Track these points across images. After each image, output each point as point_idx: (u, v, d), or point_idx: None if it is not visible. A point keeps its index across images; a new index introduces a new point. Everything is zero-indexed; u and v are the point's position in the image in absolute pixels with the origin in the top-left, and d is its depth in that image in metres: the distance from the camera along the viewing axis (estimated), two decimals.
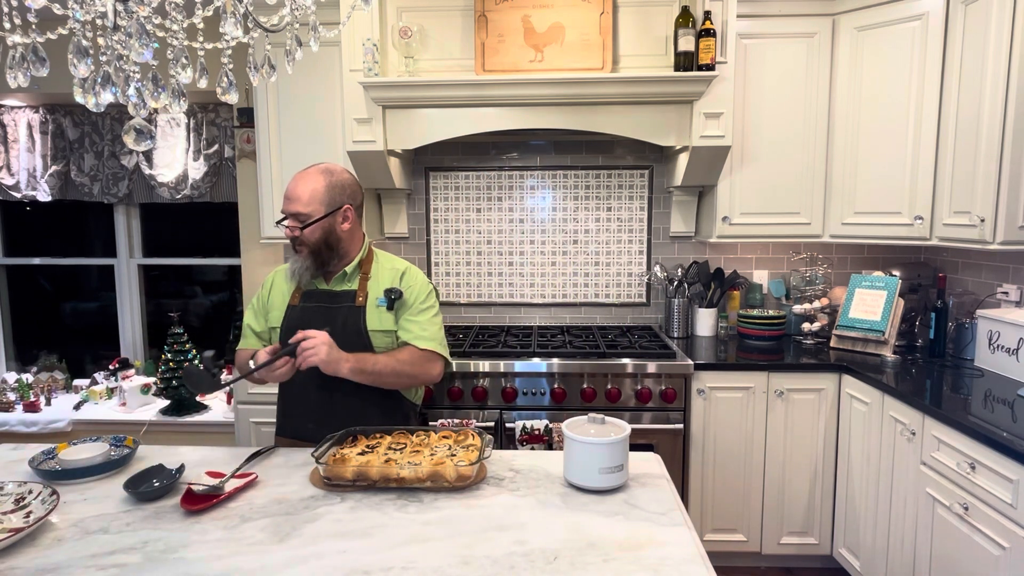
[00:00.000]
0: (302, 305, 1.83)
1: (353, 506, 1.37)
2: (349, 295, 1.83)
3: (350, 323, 1.80)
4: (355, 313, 1.81)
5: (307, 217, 1.75)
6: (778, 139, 2.85)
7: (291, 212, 1.76)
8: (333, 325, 1.76)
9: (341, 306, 1.82)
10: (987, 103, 2.29)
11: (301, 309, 1.83)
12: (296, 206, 1.75)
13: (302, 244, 1.77)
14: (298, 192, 1.75)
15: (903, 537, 2.21)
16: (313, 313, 1.81)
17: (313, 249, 1.77)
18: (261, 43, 2.50)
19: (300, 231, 1.76)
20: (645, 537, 1.24)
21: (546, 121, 2.68)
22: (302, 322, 1.77)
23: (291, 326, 1.77)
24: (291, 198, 1.75)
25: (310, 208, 1.75)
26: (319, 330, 1.68)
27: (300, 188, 1.75)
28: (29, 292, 3.92)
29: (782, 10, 2.78)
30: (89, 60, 1.07)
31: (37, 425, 3.29)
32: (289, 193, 1.76)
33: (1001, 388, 2.24)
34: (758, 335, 3.02)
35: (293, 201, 1.75)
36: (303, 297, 1.84)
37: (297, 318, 1.81)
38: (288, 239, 1.80)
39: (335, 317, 1.80)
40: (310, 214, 1.75)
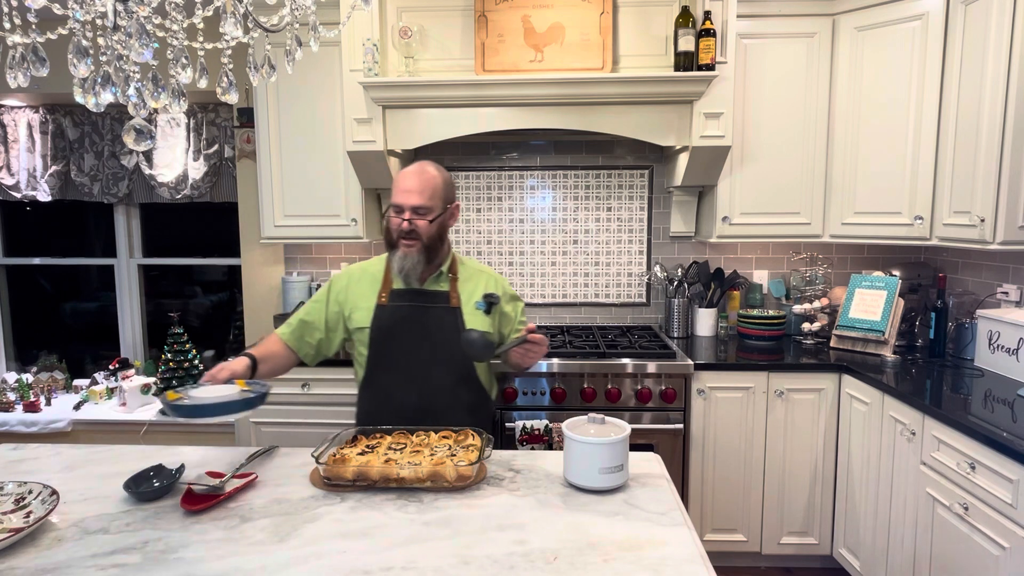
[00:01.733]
0: (393, 304, 1.80)
1: (353, 506, 1.37)
2: (443, 296, 1.81)
3: (447, 324, 1.79)
4: (451, 314, 1.80)
5: (428, 211, 1.73)
6: (778, 139, 2.85)
7: (411, 205, 1.72)
8: (429, 325, 1.77)
9: (436, 306, 1.80)
10: (987, 103, 2.29)
11: (393, 308, 1.80)
12: (419, 199, 1.72)
13: (416, 239, 1.73)
14: (419, 185, 1.72)
15: (903, 537, 2.21)
16: (407, 313, 1.78)
17: (427, 244, 1.75)
18: (261, 43, 2.50)
19: (418, 224, 1.72)
20: (645, 537, 1.24)
21: (546, 121, 2.68)
22: (396, 321, 1.76)
23: (384, 325, 1.77)
24: (410, 190, 1.72)
25: (432, 202, 1.73)
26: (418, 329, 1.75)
27: (421, 181, 1.73)
28: (29, 292, 3.92)
29: (782, 10, 2.78)
30: (89, 60, 1.07)
31: (37, 425, 3.28)
32: (407, 186, 1.72)
33: (1001, 388, 2.24)
34: (758, 335, 3.02)
35: (413, 193, 1.72)
36: (392, 296, 1.81)
37: (389, 317, 1.78)
38: (396, 232, 1.75)
39: (431, 317, 1.79)
40: (431, 208, 1.73)
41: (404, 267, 1.75)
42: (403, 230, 1.73)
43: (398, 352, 1.77)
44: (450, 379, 1.81)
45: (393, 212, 1.75)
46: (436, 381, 1.78)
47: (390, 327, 1.76)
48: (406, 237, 1.73)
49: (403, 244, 1.74)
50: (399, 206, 1.74)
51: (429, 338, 1.76)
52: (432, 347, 1.78)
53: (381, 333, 1.77)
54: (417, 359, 1.78)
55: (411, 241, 1.73)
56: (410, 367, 1.77)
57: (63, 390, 3.61)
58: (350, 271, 1.90)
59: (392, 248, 1.78)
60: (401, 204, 1.73)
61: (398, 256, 1.75)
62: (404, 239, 1.74)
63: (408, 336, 1.78)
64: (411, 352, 1.78)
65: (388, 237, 1.78)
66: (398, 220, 1.74)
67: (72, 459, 1.65)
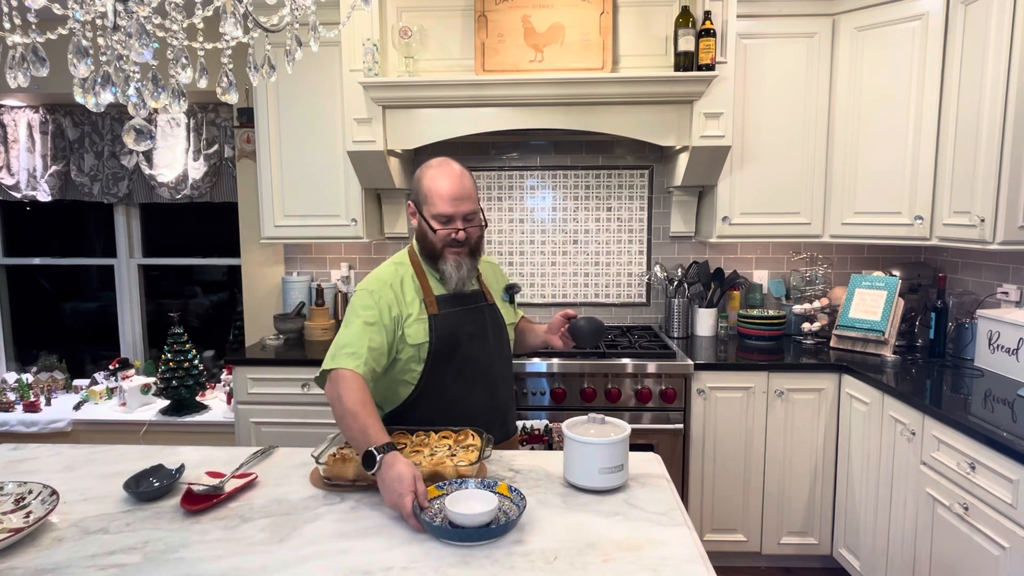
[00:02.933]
0: (446, 311, 1.69)
1: (353, 506, 1.37)
2: (479, 295, 1.78)
3: (493, 320, 1.78)
4: (493, 311, 1.79)
5: (474, 215, 1.67)
6: (778, 139, 2.85)
7: (462, 213, 1.64)
8: (483, 326, 1.75)
9: (480, 306, 1.77)
10: (987, 103, 2.29)
11: (448, 316, 1.69)
12: (468, 205, 1.64)
13: (465, 245, 1.66)
14: (464, 191, 1.63)
15: (903, 537, 2.21)
16: (463, 317, 1.72)
17: (474, 248, 1.69)
18: (261, 43, 2.50)
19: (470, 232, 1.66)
20: (645, 537, 1.24)
21: (546, 121, 2.68)
22: (455, 329, 1.69)
23: (444, 335, 1.67)
24: (462, 197, 1.63)
25: (476, 205, 1.67)
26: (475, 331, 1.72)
27: (462, 186, 1.64)
28: (29, 292, 3.92)
29: (782, 10, 2.78)
30: (89, 60, 1.07)
31: (37, 425, 3.28)
32: (458, 192, 1.62)
33: (1001, 388, 2.24)
34: (758, 335, 3.02)
35: (466, 199, 1.63)
36: (441, 304, 1.70)
37: (447, 326, 1.68)
38: (443, 242, 1.65)
39: (482, 318, 1.77)
40: (476, 211, 1.67)
41: (460, 275, 1.67)
42: (456, 240, 1.64)
43: (462, 357, 1.70)
44: (507, 375, 1.82)
45: (439, 223, 1.63)
46: (499, 379, 1.77)
47: (452, 334, 1.67)
48: (455, 245, 1.65)
49: (452, 253, 1.66)
50: (448, 216, 1.63)
51: (487, 338, 1.74)
52: (490, 347, 1.76)
53: (443, 343, 1.66)
54: (481, 361, 1.73)
55: (460, 248, 1.66)
56: (476, 370, 1.72)
57: (63, 390, 3.61)
58: (386, 283, 1.68)
59: (436, 258, 1.67)
60: (451, 214, 1.62)
61: (451, 266, 1.66)
62: (452, 247, 1.65)
63: (470, 339, 1.72)
64: (474, 355, 1.72)
65: (428, 247, 1.67)
66: (447, 231, 1.64)
67: (72, 459, 1.65)
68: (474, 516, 1.21)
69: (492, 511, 1.23)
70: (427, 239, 1.67)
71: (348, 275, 3.36)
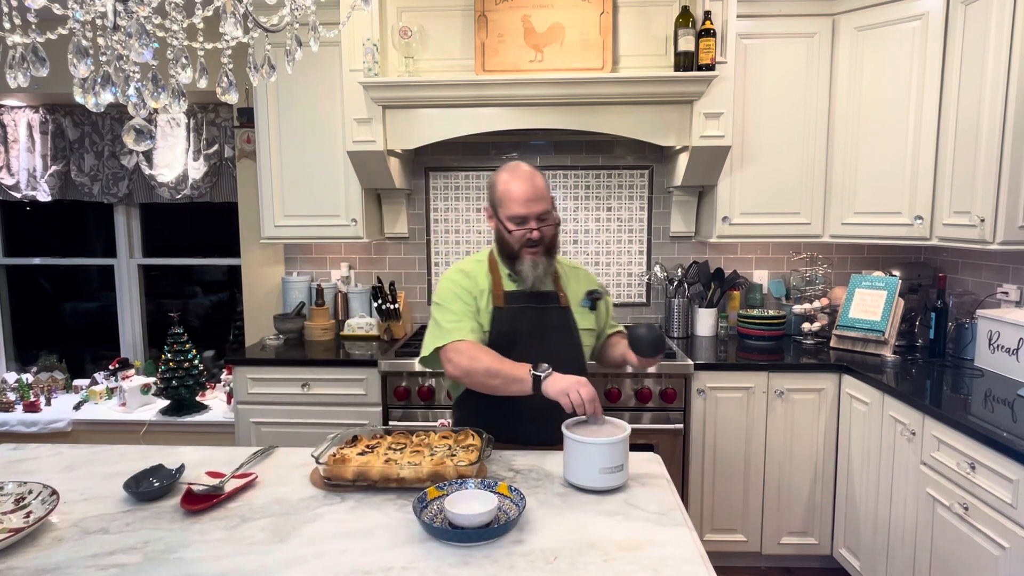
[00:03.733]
0: (511, 307, 1.77)
1: (353, 506, 1.37)
2: (552, 296, 1.80)
3: (560, 324, 1.79)
4: (563, 314, 1.80)
5: (547, 214, 1.72)
6: (778, 139, 2.85)
7: (536, 213, 1.69)
8: (548, 326, 1.76)
9: (549, 307, 1.79)
10: (987, 103, 2.29)
11: (512, 311, 1.76)
12: (541, 205, 1.70)
13: (541, 244, 1.72)
14: (537, 192, 1.69)
15: (903, 537, 2.21)
16: (526, 315, 1.76)
17: (549, 247, 1.74)
18: (261, 43, 2.50)
19: (545, 231, 1.71)
20: (645, 537, 1.24)
21: (546, 121, 2.68)
22: (517, 324, 1.74)
23: (505, 328, 1.74)
24: (534, 198, 1.69)
25: (549, 204, 1.73)
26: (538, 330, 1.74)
27: (535, 187, 1.70)
28: (29, 292, 3.92)
29: (782, 10, 2.78)
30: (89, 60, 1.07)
31: (37, 425, 3.29)
32: (530, 194, 1.69)
33: (1001, 388, 2.24)
34: (758, 335, 3.02)
35: (538, 200, 1.69)
36: (508, 299, 1.77)
37: (510, 320, 1.75)
38: (519, 243, 1.71)
39: (546, 318, 1.78)
40: (550, 210, 1.73)
41: (536, 274, 1.73)
42: (532, 239, 1.70)
43: (518, 354, 1.69)
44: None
45: (514, 224, 1.70)
46: None
47: (511, 330, 1.73)
48: (532, 245, 1.71)
49: (528, 253, 1.72)
50: (522, 216, 1.69)
51: (548, 339, 1.75)
52: (551, 348, 1.75)
53: (501, 336, 1.73)
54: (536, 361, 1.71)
55: (536, 248, 1.72)
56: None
57: (63, 390, 3.61)
58: (467, 274, 1.80)
59: (514, 258, 1.74)
60: (525, 215, 1.69)
61: (527, 265, 1.72)
62: (529, 247, 1.72)
63: (529, 338, 1.75)
64: (532, 354, 1.71)
65: (506, 248, 1.74)
66: (522, 231, 1.70)
67: (72, 459, 1.65)
68: (474, 516, 1.21)
69: (492, 511, 1.23)
70: (504, 240, 1.75)
71: (348, 275, 3.36)
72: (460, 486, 1.36)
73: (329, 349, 2.96)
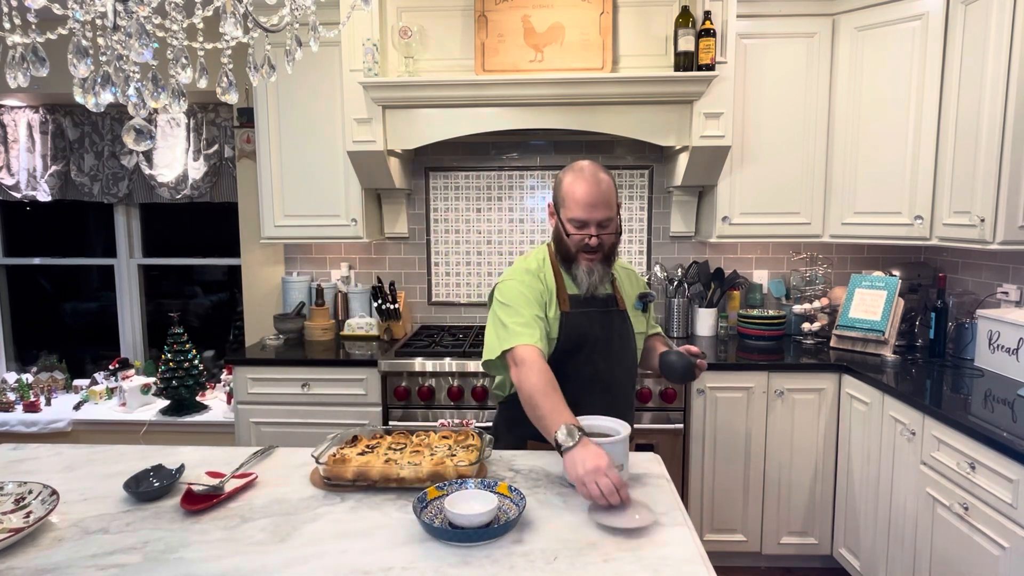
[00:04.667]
0: (578, 311, 1.72)
1: (353, 506, 1.37)
2: (611, 299, 1.77)
3: (622, 327, 1.77)
4: (621, 317, 1.78)
5: (610, 221, 1.66)
6: (778, 139, 2.85)
7: (597, 220, 1.63)
8: (611, 330, 1.74)
9: (611, 311, 1.76)
10: (987, 103, 2.29)
11: (579, 315, 1.72)
12: (603, 212, 1.63)
13: (599, 251, 1.67)
14: (602, 197, 1.63)
15: (903, 537, 2.21)
16: (592, 319, 1.73)
17: (607, 254, 1.69)
18: (261, 43, 2.50)
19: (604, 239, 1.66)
20: (645, 537, 1.24)
21: (546, 121, 2.68)
22: (585, 328, 1.71)
23: (574, 334, 1.70)
24: (598, 203, 1.62)
25: (613, 211, 1.66)
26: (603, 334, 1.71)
27: (600, 192, 1.63)
28: (29, 292, 3.92)
29: (782, 10, 2.78)
30: (89, 60, 1.07)
31: (37, 425, 3.29)
32: (594, 199, 1.62)
33: (1001, 388, 2.24)
34: (758, 335, 3.02)
35: (601, 206, 1.63)
36: (573, 303, 1.72)
37: (578, 325, 1.71)
38: (577, 247, 1.67)
39: (611, 323, 1.75)
40: (612, 217, 1.66)
41: (592, 281, 1.68)
42: (590, 246, 1.65)
43: (583, 360, 1.71)
44: (628, 382, 1.80)
45: (574, 227, 1.65)
46: (618, 386, 1.76)
47: (580, 335, 1.70)
48: (589, 251, 1.66)
49: (585, 258, 1.67)
50: (583, 221, 1.63)
51: (611, 343, 1.73)
52: (613, 352, 1.75)
53: (569, 342, 1.69)
54: (601, 365, 1.73)
55: (593, 255, 1.67)
56: (595, 374, 1.72)
57: (63, 390, 3.61)
58: (534, 273, 1.73)
59: (569, 261, 1.70)
60: (586, 219, 1.63)
61: (583, 271, 1.68)
62: (586, 253, 1.67)
63: (595, 343, 1.72)
64: (596, 358, 1.72)
65: (563, 249, 1.70)
66: (580, 236, 1.65)
67: (72, 459, 1.65)
68: (474, 516, 1.21)
69: (492, 511, 1.23)
70: (562, 241, 1.69)
71: (348, 275, 3.36)
72: (460, 486, 1.36)
73: (329, 349, 2.96)
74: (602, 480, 1.27)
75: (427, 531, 1.23)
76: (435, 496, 1.33)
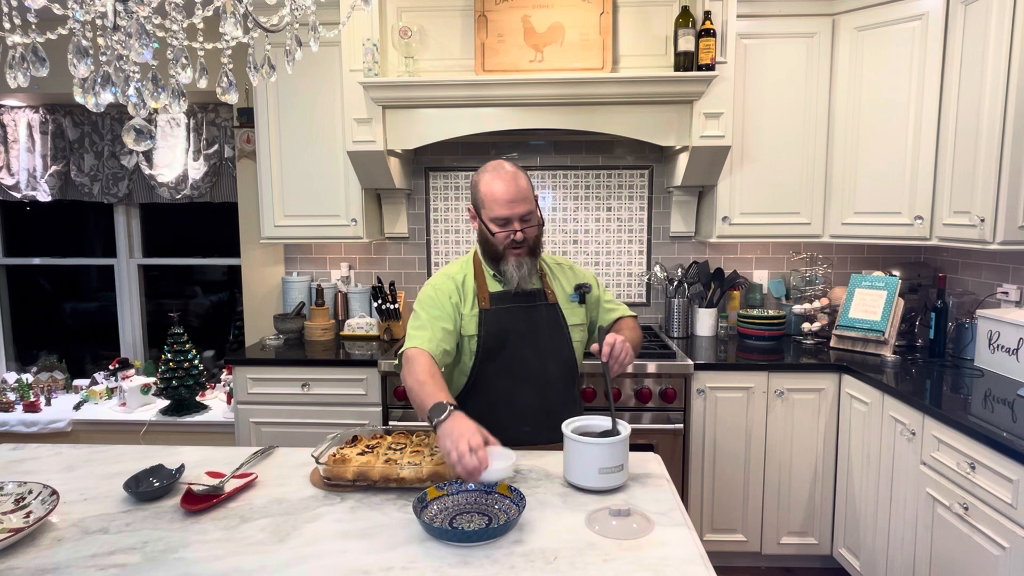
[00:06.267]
0: (498, 307, 1.76)
1: (353, 506, 1.37)
2: (538, 294, 1.80)
3: (550, 320, 1.79)
4: (552, 310, 1.80)
5: (531, 214, 1.71)
6: (778, 139, 2.85)
7: (519, 215, 1.68)
8: (536, 324, 1.76)
9: (537, 305, 1.78)
10: (987, 103, 2.29)
11: (499, 311, 1.76)
12: (523, 206, 1.68)
13: (524, 245, 1.71)
14: (520, 193, 1.68)
15: (903, 537, 2.21)
16: (515, 314, 1.76)
17: (533, 247, 1.73)
18: (261, 43, 2.50)
19: (528, 232, 1.70)
20: (645, 537, 1.24)
21: (546, 121, 2.68)
22: (505, 324, 1.75)
23: (493, 330, 1.74)
24: (517, 199, 1.67)
25: (532, 206, 1.71)
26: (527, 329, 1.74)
27: (518, 189, 1.68)
28: (29, 292, 3.92)
29: (782, 10, 2.78)
30: (89, 60, 1.07)
31: (37, 425, 3.29)
32: (512, 195, 1.67)
33: (1001, 388, 2.24)
34: (758, 335, 3.02)
35: (521, 201, 1.68)
36: (494, 300, 1.77)
37: (497, 321, 1.75)
38: (504, 244, 1.70)
39: (536, 316, 1.78)
40: (533, 211, 1.72)
41: (520, 275, 1.72)
42: (516, 241, 1.70)
43: (510, 354, 1.74)
44: (563, 376, 1.80)
45: (496, 226, 1.70)
46: (552, 380, 1.77)
47: (500, 331, 1.73)
48: (516, 246, 1.71)
49: (513, 253, 1.72)
50: (505, 218, 1.68)
51: (539, 337, 1.76)
52: (543, 346, 1.77)
53: (491, 338, 1.73)
54: (531, 360, 1.76)
55: (520, 249, 1.72)
56: (526, 368, 1.74)
57: (63, 390, 3.61)
58: (451, 277, 1.80)
59: (498, 259, 1.74)
60: (508, 216, 1.68)
61: (511, 266, 1.72)
62: (514, 248, 1.71)
63: (519, 337, 1.75)
64: (524, 353, 1.75)
65: (490, 250, 1.74)
66: (505, 232, 1.69)
67: (72, 459, 1.66)
68: (496, 472, 1.29)
69: (510, 466, 1.33)
70: (488, 242, 1.73)
71: (348, 275, 3.36)
72: (460, 486, 1.36)
73: (329, 349, 2.97)
74: (462, 444, 1.29)
75: (427, 531, 1.23)
76: (435, 496, 1.33)
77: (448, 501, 1.34)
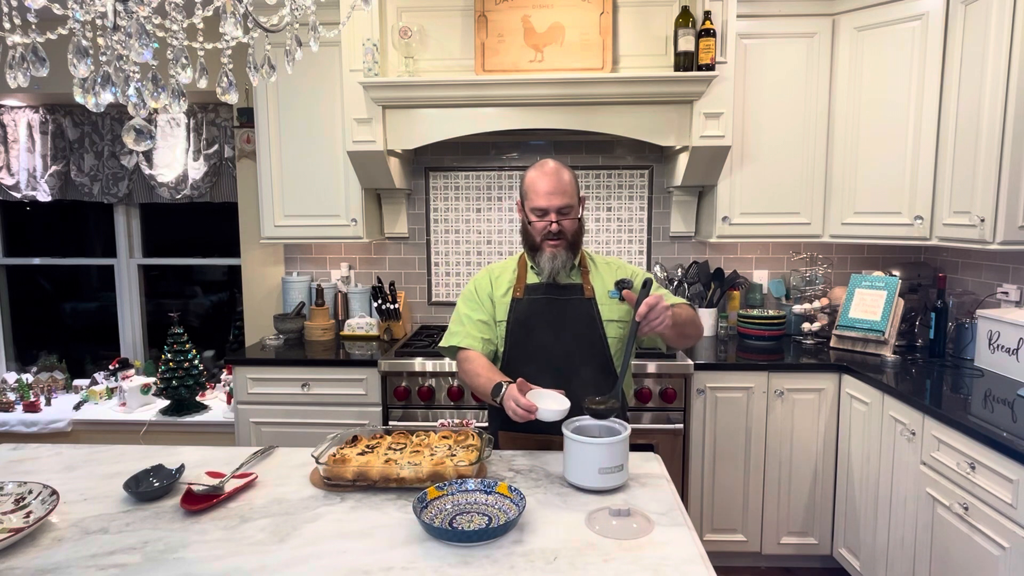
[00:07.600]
0: (529, 297, 1.83)
1: (353, 506, 1.37)
2: (576, 288, 1.83)
3: (582, 313, 1.81)
4: (586, 304, 1.82)
5: (570, 209, 1.76)
6: (778, 139, 2.85)
7: (556, 207, 1.74)
8: (566, 316, 1.80)
9: (571, 298, 1.82)
10: (987, 103, 2.29)
11: (529, 301, 1.82)
12: (562, 199, 1.74)
13: (562, 238, 1.76)
14: (560, 186, 1.74)
15: (903, 537, 2.21)
16: (544, 304, 1.81)
17: (572, 241, 1.78)
18: (261, 43, 2.50)
19: (565, 224, 1.75)
20: (645, 537, 1.24)
21: (546, 121, 2.68)
22: (533, 313, 1.80)
23: (521, 317, 1.81)
24: (556, 192, 1.74)
25: (573, 200, 1.77)
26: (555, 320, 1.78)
27: (559, 182, 1.74)
28: (29, 292, 3.92)
29: (782, 10, 2.78)
30: (89, 60, 1.07)
31: (37, 425, 3.28)
32: (552, 187, 1.74)
33: (1001, 388, 2.24)
34: (758, 335, 3.02)
35: (560, 194, 1.74)
36: (527, 290, 1.84)
37: (526, 309, 1.81)
38: (541, 235, 1.77)
39: (567, 308, 1.81)
40: (572, 205, 1.77)
41: (555, 267, 1.77)
42: (552, 232, 1.75)
43: (536, 345, 1.78)
44: (591, 371, 1.80)
45: (535, 216, 1.76)
46: (575, 373, 1.77)
47: (527, 319, 1.79)
48: (553, 238, 1.76)
49: (549, 245, 1.77)
50: (543, 209, 1.75)
51: (567, 329, 1.78)
52: (570, 339, 1.79)
53: (518, 325, 1.80)
54: (557, 351, 1.78)
55: (557, 241, 1.76)
56: (551, 360, 1.77)
57: (63, 390, 3.61)
58: (489, 271, 1.92)
59: (536, 250, 1.80)
60: (545, 207, 1.74)
61: (546, 257, 1.77)
62: (550, 240, 1.77)
63: (546, 328, 1.79)
64: (550, 344, 1.78)
65: (529, 240, 1.81)
66: (544, 223, 1.76)
67: (72, 459, 1.66)
68: (547, 412, 1.47)
69: (565, 409, 1.50)
70: (527, 231, 1.82)
71: (348, 275, 3.36)
72: (460, 486, 1.36)
73: (329, 349, 2.97)
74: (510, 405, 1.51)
75: (427, 531, 1.23)
76: (435, 496, 1.33)
77: (448, 501, 1.34)
